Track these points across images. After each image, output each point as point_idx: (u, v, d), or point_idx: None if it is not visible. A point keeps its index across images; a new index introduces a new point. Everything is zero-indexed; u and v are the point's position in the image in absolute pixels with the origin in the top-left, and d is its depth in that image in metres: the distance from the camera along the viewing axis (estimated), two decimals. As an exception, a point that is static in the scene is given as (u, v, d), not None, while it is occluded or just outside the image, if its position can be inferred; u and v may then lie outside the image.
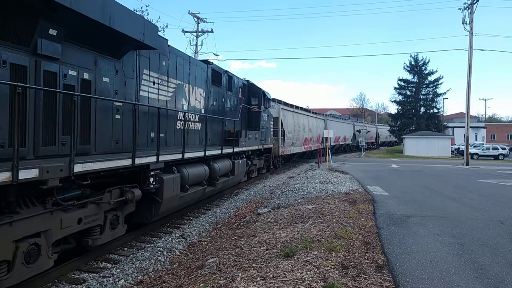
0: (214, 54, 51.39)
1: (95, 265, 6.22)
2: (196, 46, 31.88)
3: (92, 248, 6.17)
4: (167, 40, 8.61)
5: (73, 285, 5.39)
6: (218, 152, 10.78)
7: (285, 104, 23.74)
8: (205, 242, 7.73)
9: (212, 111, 11.54)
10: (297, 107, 26.42)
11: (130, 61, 7.28)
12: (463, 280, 4.62)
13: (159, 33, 8.06)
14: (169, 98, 8.79)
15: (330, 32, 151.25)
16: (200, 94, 10.64)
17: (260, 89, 15.91)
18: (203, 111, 10.78)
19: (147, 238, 7.81)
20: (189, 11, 31.96)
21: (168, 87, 8.74)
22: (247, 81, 15.34)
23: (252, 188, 15.31)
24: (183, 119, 9.24)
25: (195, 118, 10.17)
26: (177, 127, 9.10)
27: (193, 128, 10.16)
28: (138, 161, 6.59)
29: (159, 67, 8.25)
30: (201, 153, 9.55)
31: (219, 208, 11.21)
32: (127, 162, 6.34)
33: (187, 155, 8.62)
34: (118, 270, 5.99)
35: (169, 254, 7.02)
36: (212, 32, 32.37)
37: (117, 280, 5.67)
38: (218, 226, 9.26)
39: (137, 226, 7.81)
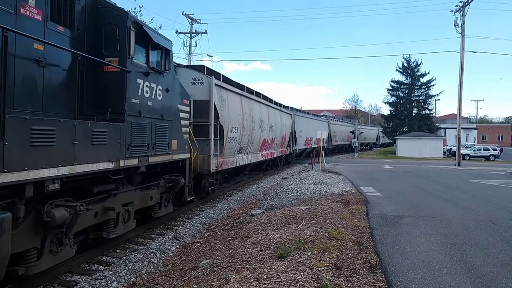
0: (208, 55, 51.33)
1: (87, 267, 6.16)
2: (190, 47, 31.87)
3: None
4: None
5: (65, 288, 5.35)
6: None
7: (225, 80, 13.17)
8: (199, 244, 7.71)
9: None
10: (250, 90, 15.74)
11: None
12: (455, 279, 4.66)
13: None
14: None
15: (324, 34, 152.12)
16: None
17: (126, 15, 6.53)
18: None
19: (140, 240, 7.76)
20: (182, 12, 31.93)
21: None
22: None
23: (245, 190, 15.30)
24: None
25: None
26: None
27: None
28: None
29: None
30: None
31: (213, 209, 11.17)
32: None
33: None
34: (110, 272, 5.95)
35: (162, 255, 6.99)
36: (206, 33, 32.31)
37: (109, 282, 5.63)
38: (211, 228, 9.24)
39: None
